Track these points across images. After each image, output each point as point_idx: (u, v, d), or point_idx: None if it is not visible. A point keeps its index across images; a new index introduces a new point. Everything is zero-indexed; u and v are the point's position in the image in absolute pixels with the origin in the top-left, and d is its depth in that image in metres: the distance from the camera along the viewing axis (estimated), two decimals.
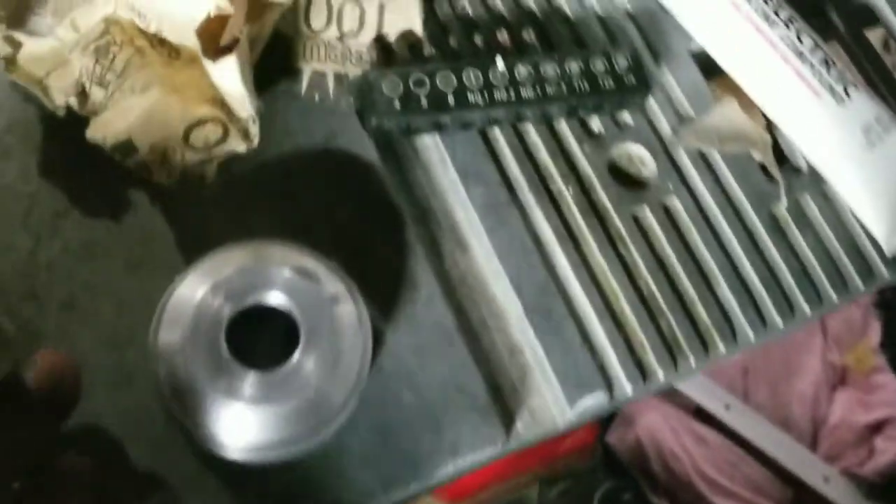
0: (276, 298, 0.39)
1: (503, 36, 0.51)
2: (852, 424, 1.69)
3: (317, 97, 0.48)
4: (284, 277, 0.39)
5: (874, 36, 0.61)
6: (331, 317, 0.39)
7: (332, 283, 0.40)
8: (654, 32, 0.55)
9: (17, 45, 0.42)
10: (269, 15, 0.44)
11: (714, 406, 1.65)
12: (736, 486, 1.64)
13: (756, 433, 1.65)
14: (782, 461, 1.63)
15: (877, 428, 1.69)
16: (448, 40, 0.51)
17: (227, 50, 0.40)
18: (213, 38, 0.43)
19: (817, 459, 1.67)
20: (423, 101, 0.47)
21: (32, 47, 0.43)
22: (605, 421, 1.64)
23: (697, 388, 1.64)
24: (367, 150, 0.48)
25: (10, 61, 0.42)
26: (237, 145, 0.43)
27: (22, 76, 0.42)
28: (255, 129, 0.42)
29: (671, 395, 1.65)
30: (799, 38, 0.51)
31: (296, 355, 0.38)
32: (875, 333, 1.71)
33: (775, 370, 1.70)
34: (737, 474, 1.65)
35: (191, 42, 0.42)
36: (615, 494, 1.65)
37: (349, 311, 0.40)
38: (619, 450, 1.66)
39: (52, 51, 0.43)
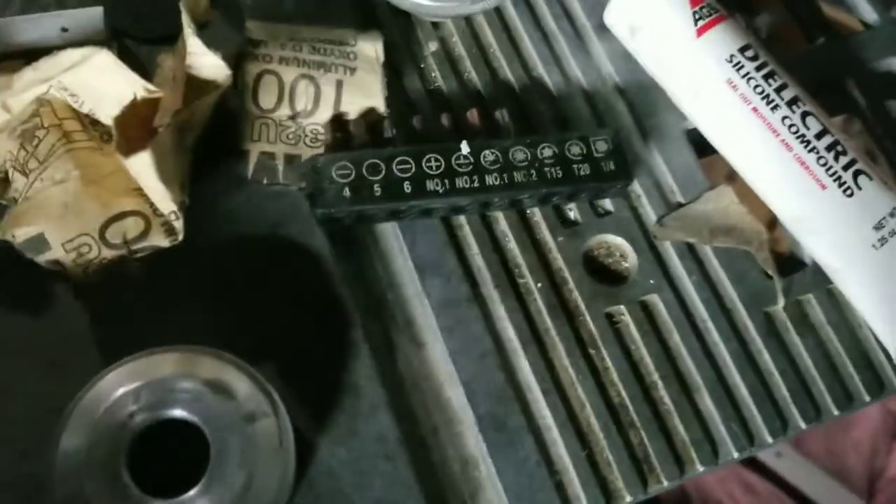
0: (187, 414, 0.36)
1: (474, 116, 0.47)
2: None
3: (265, 181, 0.45)
4: (198, 391, 0.36)
5: None
6: (245, 437, 0.36)
7: (253, 398, 0.37)
8: (646, 109, 0.51)
9: None
10: (206, 97, 0.41)
11: (764, 453, 1.57)
12: None
13: (808, 483, 1.57)
14: None
15: None
16: (413, 120, 0.47)
17: (145, 141, 0.37)
18: (142, 122, 0.40)
19: None
20: (377, 189, 0.43)
21: None
22: None
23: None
24: (317, 240, 0.44)
25: None
26: (160, 241, 0.40)
27: None
28: (179, 225, 0.39)
29: None
30: (804, 122, 0.46)
31: (198, 486, 0.35)
32: None
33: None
34: None
35: None
36: None
37: (269, 429, 0.37)
38: (663, 499, 1.60)
39: None
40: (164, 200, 0.38)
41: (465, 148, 0.45)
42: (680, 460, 0.43)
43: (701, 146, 0.50)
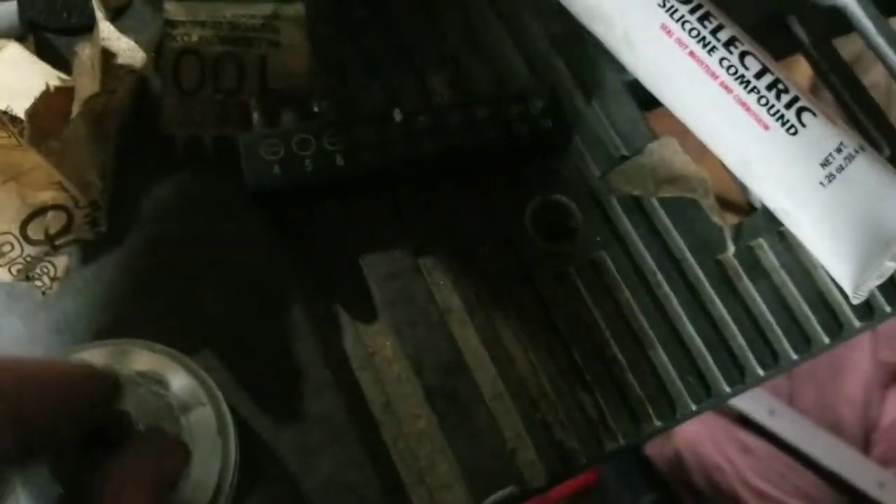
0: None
1: (407, 82, 0.46)
2: None
3: (193, 165, 0.43)
4: (130, 384, 0.35)
5: (847, 46, 0.54)
6: (180, 427, 0.35)
7: (187, 388, 0.36)
8: (584, 64, 0.49)
9: None
10: (121, 81, 0.40)
11: (758, 412, 1.58)
12: (786, 496, 1.56)
13: (804, 439, 1.58)
14: (834, 468, 1.56)
15: None
16: (344, 91, 0.46)
17: (52, 134, 0.36)
18: (57, 114, 0.39)
19: (871, 464, 1.59)
20: (308, 164, 0.42)
21: None
22: None
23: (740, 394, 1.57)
24: (252, 221, 0.43)
25: None
26: (84, 234, 0.39)
27: None
28: (101, 216, 0.38)
29: None
30: (743, 63, 0.45)
31: None
32: None
33: (822, 371, 1.62)
34: (786, 484, 1.57)
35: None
36: None
37: (205, 417, 0.36)
38: (658, 463, 1.60)
39: None
40: (84, 190, 0.37)
41: (397, 115, 0.44)
42: (636, 417, 0.43)
43: (646, 100, 0.49)
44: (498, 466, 0.40)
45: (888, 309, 0.47)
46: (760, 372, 0.44)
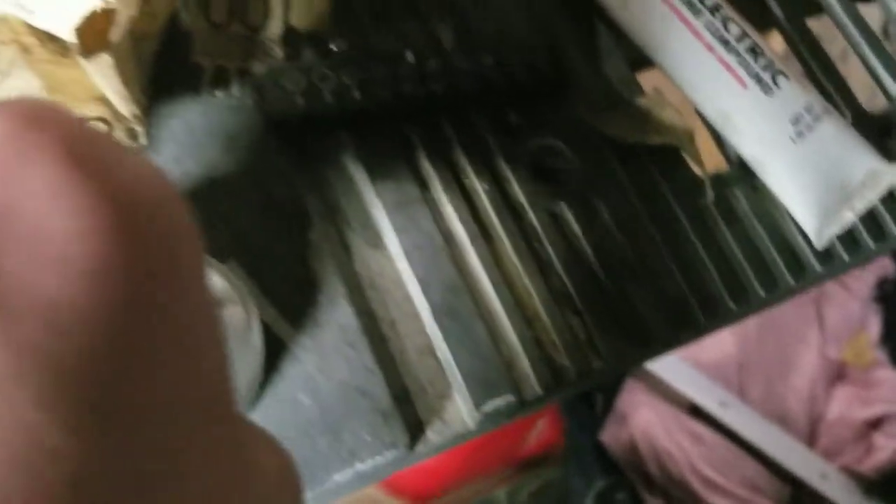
0: None
1: (413, 27, 0.50)
2: (850, 421, 1.67)
3: (218, 94, 0.47)
4: None
5: (819, 25, 0.59)
6: None
7: (220, 287, 0.39)
8: (581, 19, 0.53)
9: None
10: (160, 7, 0.43)
11: (709, 403, 1.63)
12: (732, 484, 1.62)
13: (752, 430, 1.63)
14: (779, 459, 1.62)
15: (875, 424, 1.67)
16: (359, 34, 0.50)
17: (103, 47, 0.39)
18: (99, 34, 0.42)
19: (815, 456, 1.65)
20: (327, 96, 0.46)
21: None
22: (582, 418, 1.63)
23: (692, 385, 1.62)
24: (271, 149, 0.46)
25: None
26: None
27: None
28: (141, 130, 0.41)
29: (665, 393, 1.63)
30: (725, 26, 0.50)
31: None
32: (874, 328, 1.69)
33: (771, 365, 1.68)
34: (733, 472, 1.63)
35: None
36: (609, 494, 1.63)
37: (237, 314, 0.39)
38: (612, 448, 1.65)
39: None
40: (127, 104, 0.40)
41: (409, 57, 0.47)
42: (618, 341, 0.46)
43: (635, 60, 0.54)
44: (496, 377, 0.44)
45: (846, 258, 0.52)
46: (732, 307, 0.49)
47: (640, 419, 1.62)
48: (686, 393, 1.60)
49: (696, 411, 1.63)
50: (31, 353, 0.15)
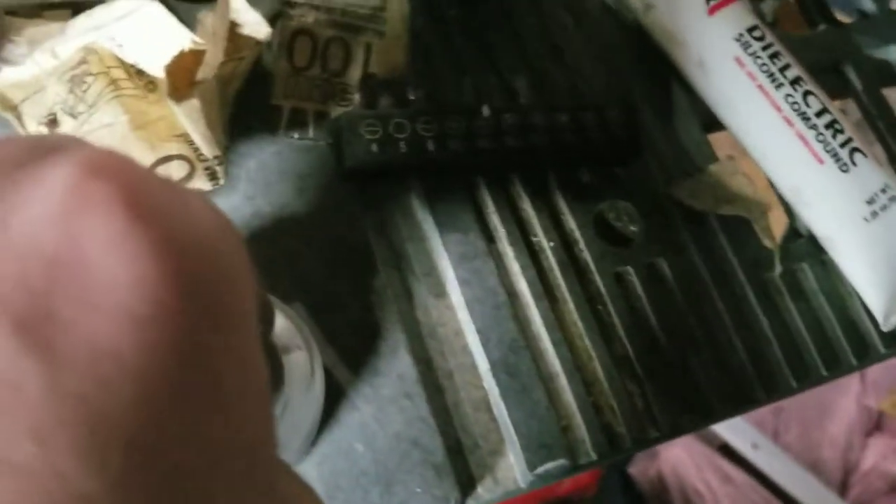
0: None
1: (490, 81, 0.50)
2: (885, 472, 1.65)
3: (295, 136, 0.47)
4: None
5: (894, 95, 0.58)
6: (281, 367, 0.38)
7: (286, 332, 0.39)
8: (657, 83, 0.53)
9: None
10: (247, 51, 0.43)
11: (741, 444, 1.61)
12: None
13: (784, 475, 1.61)
14: None
15: None
16: (435, 83, 0.50)
17: (192, 90, 0.39)
18: (187, 73, 0.42)
19: None
20: (402, 146, 0.46)
21: (12, 73, 0.43)
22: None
23: (725, 425, 1.61)
24: (342, 192, 0.47)
25: None
26: (202, 185, 0.42)
27: None
28: (221, 170, 0.42)
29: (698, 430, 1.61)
30: (805, 101, 0.49)
31: None
32: None
33: (808, 411, 1.66)
34: None
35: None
36: None
37: (301, 361, 0.39)
38: (640, 482, 1.63)
39: (32, 77, 0.43)
40: (209, 145, 0.41)
41: (486, 111, 0.47)
42: (676, 413, 0.46)
43: (708, 123, 0.53)
44: (551, 440, 0.44)
45: None
46: (793, 384, 0.48)
47: (671, 455, 1.61)
48: (718, 432, 1.58)
49: (727, 451, 1.61)
50: (74, 403, 0.15)
